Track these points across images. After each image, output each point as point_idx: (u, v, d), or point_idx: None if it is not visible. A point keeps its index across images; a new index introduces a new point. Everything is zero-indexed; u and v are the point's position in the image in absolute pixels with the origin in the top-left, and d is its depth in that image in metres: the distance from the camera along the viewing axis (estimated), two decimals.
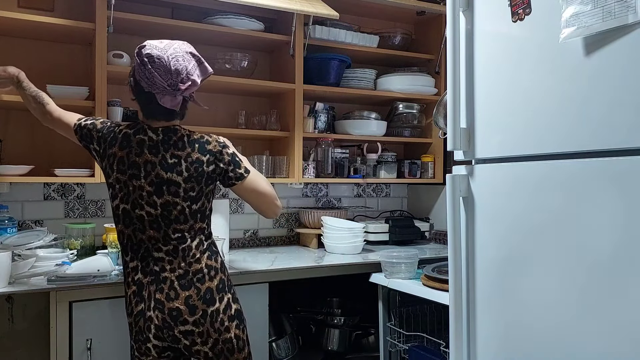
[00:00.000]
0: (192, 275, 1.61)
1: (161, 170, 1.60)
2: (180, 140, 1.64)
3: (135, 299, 1.62)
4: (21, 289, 1.79)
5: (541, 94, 1.26)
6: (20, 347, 1.89)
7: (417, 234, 2.98)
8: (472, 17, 1.46)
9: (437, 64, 3.00)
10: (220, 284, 1.65)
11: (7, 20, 2.13)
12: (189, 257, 1.62)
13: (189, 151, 1.63)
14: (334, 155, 2.81)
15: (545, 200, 1.25)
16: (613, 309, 1.10)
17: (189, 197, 1.62)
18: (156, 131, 1.65)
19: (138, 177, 1.61)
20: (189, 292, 1.59)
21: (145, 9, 2.51)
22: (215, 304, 1.62)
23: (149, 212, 1.61)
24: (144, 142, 1.63)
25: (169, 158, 1.61)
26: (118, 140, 1.65)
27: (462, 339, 1.46)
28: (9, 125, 2.37)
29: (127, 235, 1.65)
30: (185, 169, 1.61)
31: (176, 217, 1.61)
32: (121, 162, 1.63)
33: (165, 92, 1.58)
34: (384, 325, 2.30)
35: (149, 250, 1.62)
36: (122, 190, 1.63)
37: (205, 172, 1.64)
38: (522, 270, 1.30)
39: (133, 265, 1.64)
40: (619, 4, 1.07)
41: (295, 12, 2.50)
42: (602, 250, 1.12)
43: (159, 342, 1.61)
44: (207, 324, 1.60)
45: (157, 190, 1.60)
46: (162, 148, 1.62)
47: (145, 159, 1.61)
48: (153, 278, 1.61)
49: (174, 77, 1.55)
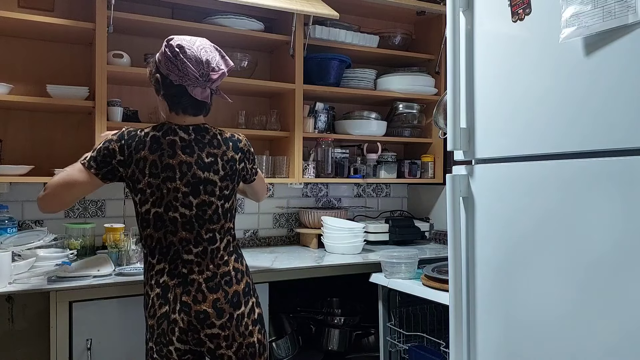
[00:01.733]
0: (220, 277, 1.60)
1: (198, 170, 1.59)
2: (214, 139, 1.65)
3: (159, 302, 1.57)
4: (21, 289, 1.79)
5: (541, 94, 1.26)
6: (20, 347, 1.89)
7: (417, 234, 2.98)
8: (472, 17, 1.46)
9: (437, 64, 3.00)
10: (247, 287, 1.65)
11: (7, 20, 2.13)
12: (217, 258, 1.62)
13: (225, 149, 1.65)
14: (334, 155, 2.81)
15: (545, 200, 1.25)
16: (612, 308, 1.10)
17: (223, 195, 1.64)
18: (187, 130, 1.62)
19: (173, 179, 1.57)
20: (217, 295, 1.58)
21: (145, 9, 2.52)
22: (241, 307, 1.61)
23: (183, 213, 1.59)
24: (175, 143, 1.59)
25: (205, 157, 1.61)
26: (146, 143, 1.58)
27: (462, 339, 1.46)
28: (9, 125, 2.37)
29: (157, 238, 1.60)
30: (222, 168, 1.63)
31: (210, 216, 1.61)
32: (153, 166, 1.57)
33: (197, 84, 1.57)
34: (384, 325, 2.30)
35: (179, 252, 1.59)
36: (155, 195, 1.58)
37: (237, 170, 1.68)
38: (522, 270, 1.30)
39: (159, 267, 1.60)
40: (619, 4, 1.07)
41: (295, 12, 2.50)
42: (601, 250, 1.12)
43: (181, 345, 1.58)
44: (232, 328, 1.59)
45: (193, 190, 1.59)
46: (196, 147, 1.61)
47: (180, 160, 1.58)
48: (180, 280, 1.57)
49: (205, 67, 1.56)
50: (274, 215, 2.97)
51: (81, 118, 2.47)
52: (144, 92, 2.61)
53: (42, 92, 2.28)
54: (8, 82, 2.23)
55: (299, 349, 2.61)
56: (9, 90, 2.18)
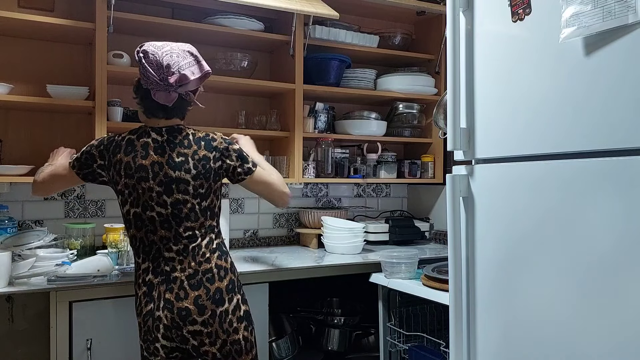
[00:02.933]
0: (201, 275, 1.62)
1: (169, 170, 1.62)
2: (185, 139, 1.66)
3: (145, 299, 1.62)
4: (21, 289, 1.79)
5: (541, 94, 1.26)
6: (20, 347, 1.89)
7: (417, 234, 2.98)
8: (472, 17, 1.46)
9: (437, 64, 3.00)
10: (230, 284, 1.66)
11: (7, 20, 2.13)
12: (199, 256, 1.63)
13: (195, 149, 1.65)
14: (334, 155, 2.81)
15: (545, 200, 1.25)
16: (613, 308, 1.10)
17: (199, 194, 1.64)
18: (160, 132, 1.66)
19: (146, 179, 1.62)
20: (198, 292, 1.60)
21: (145, 9, 2.52)
22: (224, 304, 1.62)
23: (160, 212, 1.62)
24: (148, 145, 1.64)
25: (175, 157, 1.63)
26: (122, 146, 1.66)
27: (462, 339, 1.46)
28: (9, 125, 2.37)
29: (139, 238, 1.66)
30: (193, 166, 1.63)
31: (187, 214, 1.63)
32: (128, 167, 1.63)
33: (159, 87, 1.60)
34: (384, 325, 2.30)
35: (160, 250, 1.63)
36: (132, 195, 1.64)
37: (213, 168, 1.66)
38: (522, 270, 1.30)
39: (145, 266, 1.65)
40: (619, 4, 1.07)
41: (295, 12, 2.50)
42: (601, 250, 1.12)
43: (167, 342, 1.61)
44: (215, 325, 1.60)
45: (166, 189, 1.62)
46: (168, 148, 1.64)
47: (152, 160, 1.62)
48: (163, 278, 1.61)
49: (165, 71, 1.58)
50: (274, 215, 2.97)
51: (81, 118, 2.47)
52: None
53: (42, 92, 2.28)
54: (8, 82, 2.23)
55: (299, 349, 2.61)
56: (9, 90, 2.18)
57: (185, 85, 1.61)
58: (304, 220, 2.85)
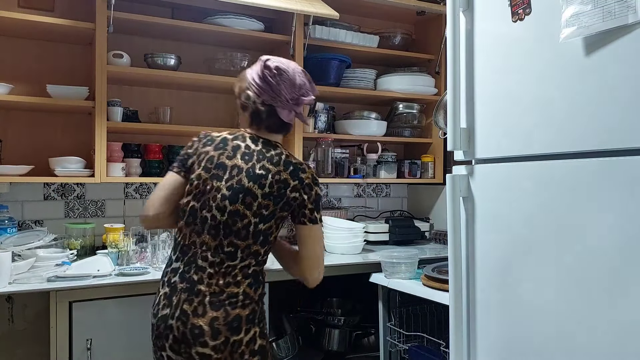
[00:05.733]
0: (226, 296, 1.51)
1: (245, 178, 1.54)
2: (276, 156, 1.59)
3: (163, 302, 1.54)
4: (21, 289, 1.79)
5: (541, 94, 1.26)
6: (20, 347, 1.89)
7: (417, 234, 2.98)
8: (472, 17, 1.46)
9: (437, 64, 3.00)
10: (252, 314, 1.54)
11: (7, 20, 2.13)
12: (230, 276, 1.53)
13: (281, 169, 1.57)
14: (334, 155, 2.80)
15: (546, 200, 1.25)
16: (612, 308, 1.10)
17: (260, 214, 1.54)
18: (256, 141, 1.61)
19: (220, 178, 1.55)
20: (217, 313, 1.49)
21: (145, 9, 2.51)
22: (240, 333, 1.50)
23: (214, 215, 1.53)
24: (239, 148, 1.58)
25: (257, 169, 1.55)
26: (215, 142, 1.61)
27: (462, 339, 1.46)
28: (9, 125, 2.37)
29: (184, 234, 1.58)
30: (269, 185, 1.54)
31: (239, 229, 1.53)
32: (210, 161, 1.57)
33: (286, 106, 1.58)
34: (384, 325, 2.30)
35: (196, 255, 1.55)
36: (199, 187, 1.56)
37: (287, 196, 1.56)
38: (522, 270, 1.30)
39: (175, 266, 1.57)
40: (619, 4, 1.07)
41: (295, 12, 2.50)
42: (602, 250, 1.12)
43: (173, 354, 1.53)
44: (226, 352, 1.50)
45: (232, 195, 1.53)
46: (255, 157, 1.57)
47: (235, 164, 1.56)
48: (188, 286, 1.52)
49: (297, 90, 1.57)
50: None
51: (81, 118, 2.47)
52: (144, 92, 2.62)
53: (42, 92, 2.28)
54: (8, 82, 2.23)
55: (299, 349, 2.61)
56: (9, 90, 2.18)
57: (308, 104, 1.64)
58: None
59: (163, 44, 2.62)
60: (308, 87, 1.61)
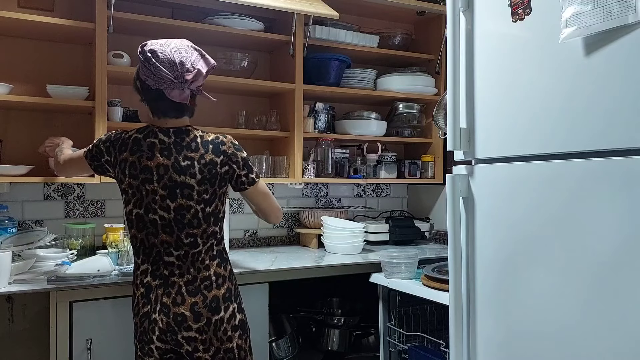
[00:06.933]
0: (200, 282, 1.61)
1: (174, 174, 1.59)
2: (193, 142, 1.62)
3: (142, 301, 1.62)
4: (21, 289, 1.79)
5: (541, 94, 1.26)
6: (20, 347, 1.89)
7: (417, 234, 2.98)
8: (472, 17, 1.46)
9: (437, 64, 3.00)
10: (227, 292, 1.65)
11: (7, 20, 2.13)
12: (198, 262, 1.62)
13: (202, 152, 1.61)
14: (334, 155, 2.80)
15: (546, 200, 1.25)
16: (613, 308, 1.10)
17: (203, 199, 1.61)
18: (167, 133, 1.63)
19: (151, 181, 1.60)
20: (195, 298, 1.59)
21: (145, 9, 2.51)
22: (220, 312, 1.62)
23: (162, 216, 1.60)
24: (155, 145, 1.61)
25: (181, 160, 1.60)
26: (128, 145, 1.63)
27: (462, 339, 1.46)
28: (9, 125, 2.37)
29: (140, 239, 1.64)
30: (199, 171, 1.60)
31: (189, 221, 1.61)
32: (133, 167, 1.61)
33: (173, 86, 1.58)
34: (384, 325, 2.30)
35: (160, 254, 1.62)
36: (135, 195, 1.62)
37: (219, 173, 1.63)
38: (522, 270, 1.30)
39: (144, 268, 1.64)
40: (619, 4, 1.07)
41: (295, 12, 2.50)
42: (603, 250, 1.12)
43: (161, 344, 1.61)
44: (210, 332, 1.60)
45: (170, 193, 1.59)
46: (174, 150, 1.61)
47: (158, 163, 1.60)
48: (162, 282, 1.61)
49: (179, 68, 1.56)
50: None
51: (81, 118, 2.47)
52: None
53: (42, 92, 2.28)
54: (8, 82, 2.23)
55: (299, 349, 2.61)
56: (9, 90, 2.18)
57: (196, 80, 1.59)
58: (304, 221, 2.85)
59: None
60: (194, 61, 1.59)
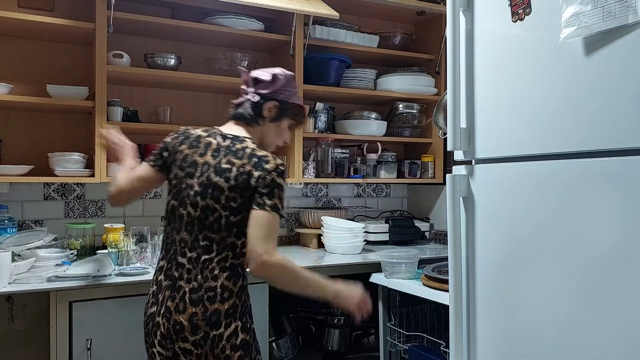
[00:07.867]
0: (204, 291, 1.53)
1: (212, 174, 1.57)
2: (241, 151, 1.60)
3: (152, 300, 1.60)
4: (21, 289, 1.79)
5: (541, 94, 1.26)
6: (20, 347, 1.89)
7: (417, 234, 2.98)
8: (472, 17, 1.46)
9: (437, 64, 3.00)
10: (232, 308, 1.54)
11: (7, 20, 2.13)
12: (207, 270, 1.55)
13: (245, 162, 1.57)
14: (334, 155, 2.80)
15: (546, 200, 1.24)
16: (613, 308, 1.10)
17: (230, 207, 1.56)
18: (226, 138, 1.64)
19: (192, 176, 1.59)
20: (196, 309, 1.51)
21: (145, 9, 2.52)
22: (219, 328, 1.52)
23: (189, 212, 1.57)
24: (210, 145, 1.62)
25: (223, 163, 1.58)
26: (190, 139, 1.65)
27: (462, 339, 1.46)
28: (9, 125, 2.37)
29: (167, 232, 1.63)
30: (234, 178, 1.55)
31: (211, 223, 1.56)
32: (184, 160, 1.62)
33: None
34: (384, 325, 2.30)
35: (176, 253, 1.59)
36: (176, 187, 1.62)
37: (251, 186, 1.55)
38: (522, 270, 1.30)
39: (161, 264, 1.62)
40: (619, 4, 1.07)
41: (295, 12, 2.50)
42: (602, 250, 1.12)
43: (162, 350, 1.56)
44: (206, 347, 1.51)
45: (202, 191, 1.57)
46: (222, 153, 1.60)
47: (205, 161, 1.60)
48: (171, 283, 1.57)
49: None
50: None
51: (81, 118, 2.47)
52: (144, 92, 2.62)
53: (42, 92, 2.28)
54: (8, 82, 2.23)
55: (299, 349, 2.61)
56: (9, 90, 2.18)
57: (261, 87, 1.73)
58: (304, 221, 2.85)
59: (163, 44, 2.62)
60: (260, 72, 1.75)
